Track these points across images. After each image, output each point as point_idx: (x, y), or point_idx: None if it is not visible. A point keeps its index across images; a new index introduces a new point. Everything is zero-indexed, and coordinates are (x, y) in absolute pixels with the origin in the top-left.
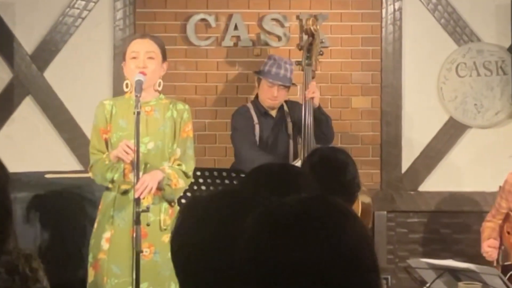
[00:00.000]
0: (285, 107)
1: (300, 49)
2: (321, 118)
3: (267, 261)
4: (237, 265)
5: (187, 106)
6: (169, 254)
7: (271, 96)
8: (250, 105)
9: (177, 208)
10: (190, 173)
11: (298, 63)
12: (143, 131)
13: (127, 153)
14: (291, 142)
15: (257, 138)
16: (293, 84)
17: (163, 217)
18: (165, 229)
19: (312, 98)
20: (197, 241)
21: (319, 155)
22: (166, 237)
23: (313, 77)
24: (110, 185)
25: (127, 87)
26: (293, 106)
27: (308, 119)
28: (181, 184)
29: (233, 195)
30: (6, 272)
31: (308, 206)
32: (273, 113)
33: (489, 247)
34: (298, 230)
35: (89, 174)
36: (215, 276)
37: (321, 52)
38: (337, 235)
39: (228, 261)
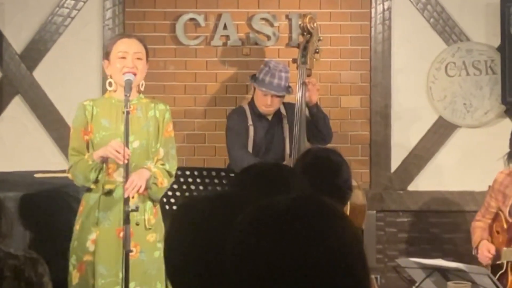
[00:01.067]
0: (282, 109)
1: (297, 47)
2: (318, 116)
3: (255, 260)
4: (228, 265)
5: (168, 106)
6: (155, 253)
7: (265, 104)
8: (246, 107)
9: (159, 207)
10: (173, 173)
11: (294, 61)
12: None
13: (118, 152)
14: (287, 144)
15: (251, 140)
16: (289, 91)
17: (148, 217)
18: (149, 229)
19: (308, 90)
20: (190, 243)
21: (312, 156)
22: (151, 237)
23: (308, 75)
24: (93, 186)
25: (110, 85)
26: (291, 108)
27: (299, 117)
28: (166, 183)
29: (228, 199)
30: (12, 277)
31: (297, 206)
32: (269, 116)
33: (489, 253)
34: (286, 229)
35: (68, 175)
36: (207, 278)
37: (317, 50)
38: (326, 235)
39: (220, 262)
